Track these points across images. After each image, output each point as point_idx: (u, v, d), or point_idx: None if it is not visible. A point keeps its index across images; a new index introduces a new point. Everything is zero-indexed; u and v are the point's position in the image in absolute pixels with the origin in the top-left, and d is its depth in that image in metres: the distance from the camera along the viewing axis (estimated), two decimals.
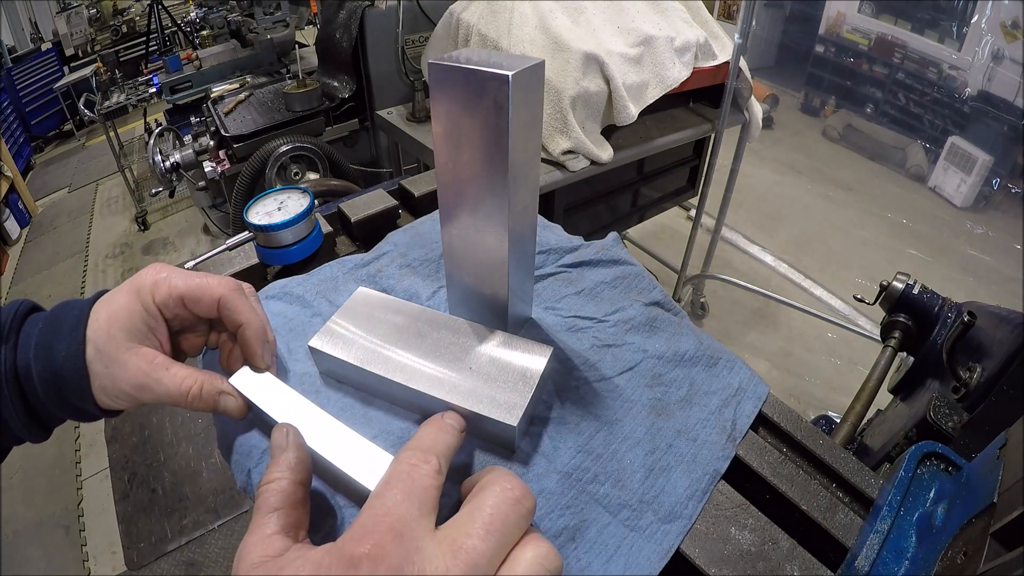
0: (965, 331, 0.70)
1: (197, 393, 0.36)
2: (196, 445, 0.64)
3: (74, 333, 0.35)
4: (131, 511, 0.58)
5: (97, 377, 0.35)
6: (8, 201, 3.23)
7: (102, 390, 0.36)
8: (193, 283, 0.38)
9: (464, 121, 0.35)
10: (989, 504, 0.29)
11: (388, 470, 0.29)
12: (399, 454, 0.30)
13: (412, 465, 0.28)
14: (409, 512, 0.26)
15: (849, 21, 3.47)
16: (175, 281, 0.37)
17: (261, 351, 0.39)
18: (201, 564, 0.55)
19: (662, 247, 2.48)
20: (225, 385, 0.38)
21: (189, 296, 0.37)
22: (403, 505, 0.26)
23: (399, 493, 0.27)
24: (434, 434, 0.31)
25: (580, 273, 0.54)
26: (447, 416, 0.34)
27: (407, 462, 0.28)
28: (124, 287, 0.37)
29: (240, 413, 0.38)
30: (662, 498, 0.37)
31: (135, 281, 0.37)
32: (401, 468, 0.28)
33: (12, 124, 3.90)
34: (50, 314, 0.37)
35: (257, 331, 0.39)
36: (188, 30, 3.26)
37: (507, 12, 1.27)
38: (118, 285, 0.38)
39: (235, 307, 0.38)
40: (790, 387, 1.96)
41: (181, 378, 0.36)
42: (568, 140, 1.22)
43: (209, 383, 0.37)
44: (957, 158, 2.92)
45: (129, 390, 0.35)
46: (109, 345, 0.35)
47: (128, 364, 0.35)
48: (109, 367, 0.35)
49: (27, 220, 3.41)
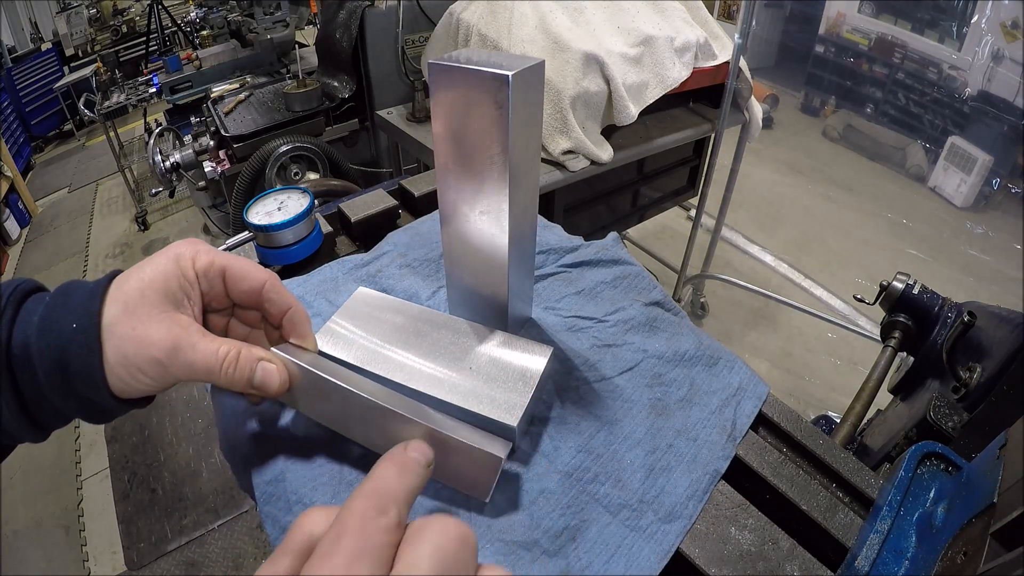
0: (965, 331, 0.70)
1: (234, 358, 0.33)
2: (196, 445, 0.65)
3: (89, 302, 0.31)
4: (131, 511, 0.58)
5: (119, 341, 0.31)
6: (8, 201, 3.23)
7: (121, 360, 0.31)
8: (237, 261, 0.36)
9: (464, 121, 0.35)
10: (989, 504, 0.29)
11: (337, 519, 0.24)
12: (351, 499, 0.25)
13: (367, 518, 0.24)
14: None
15: (849, 21, 3.47)
16: (219, 254, 0.35)
17: (311, 334, 0.38)
18: (201, 564, 0.55)
19: (662, 247, 2.48)
20: (264, 353, 0.35)
21: (233, 272, 0.35)
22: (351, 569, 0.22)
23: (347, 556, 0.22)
24: (395, 475, 0.26)
25: (580, 273, 0.54)
26: (411, 448, 0.27)
27: (360, 513, 0.24)
28: (159, 254, 0.34)
29: (281, 386, 0.35)
30: (662, 498, 0.37)
31: (172, 248, 0.35)
32: (353, 521, 0.23)
33: (12, 124, 3.90)
34: (58, 289, 0.33)
35: (304, 314, 0.38)
36: (188, 30, 3.26)
37: (507, 12, 1.27)
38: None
39: (283, 291, 0.37)
40: (790, 387, 1.96)
41: (218, 343, 0.33)
42: (568, 140, 1.22)
43: (247, 350, 0.34)
44: (957, 158, 2.92)
45: (158, 355, 0.31)
46: (141, 305, 0.32)
47: (161, 325, 0.32)
48: (137, 328, 0.31)
49: (27, 220, 3.41)
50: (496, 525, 0.34)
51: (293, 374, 0.36)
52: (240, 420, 0.40)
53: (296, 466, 0.37)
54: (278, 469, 0.37)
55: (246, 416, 0.40)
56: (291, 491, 0.36)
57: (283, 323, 0.38)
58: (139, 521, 0.58)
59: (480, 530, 0.34)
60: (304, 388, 0.37)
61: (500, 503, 0.35)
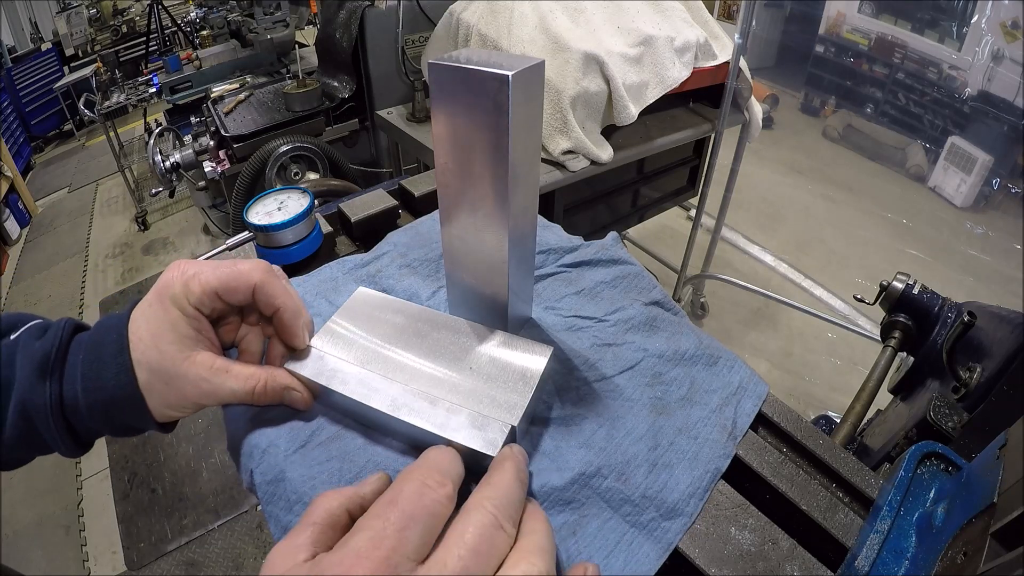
0: (965, 331, 0.70)
1: (262, 390, 0.36)
2: (196, 445, 0.64)
3: (119, 359, 0.35)
4: (131, 511, 0.58)
5: (158, 395, 0.35)
6: (8, 201, 3.23)
7: (165, 404, 0.36)
8: (225, 273, 0.36)
9: (464, 121, 0.35)
10: (989, 504, 0.29)
11: (396, 484, 0.26)
12: (410, 470, 0.27)
13: (426, 486, 0.25)
14: (409, 542, 0.24)
15: (849, 21, 3.47)
16: (205, 276, 0.36)
17: (300, 333, 0.39)
18: (201, 564, 0.55)
19: (662, 247, 2.48)
20: (288, 379, 0.38)
21: (223, 288, 0.37)
22: (404, 533, 0.23)
23: (404, 517, 0.24)
24: (451, 459, 0.29)
25: (580, 273, 0.54)
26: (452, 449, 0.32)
27: (420, 480, 0.26)
28: (154, 297, 0.36)
29: (306, 404, 0.39)
30: (664, 494, 0.37)
31: (164, 288, 0.36)
32: (412, 487, 0.25)
33: (12, 124, 3.90)
34: (91, 339, 0.36)
35: (294, 313, 0.39)
36: (188, 30, 3.26)
37: (507, 12, 1.27)
38: (121, 287, 0.38)
39: (271, 291, 0.38)
40: (790, 387, 1.96)
41: (244, 377, 0.36)
42: (568, 140, 1.22)
43: (272, 379, 0.37)
44: (957, 158, 2.92)
45: (195, 398, 0.36)
46: (163, 362, 0.35)
47: (188, 375, 0.35)
48: (171, 383, 0.35)
49: (27, 220, 3.41)
50: None
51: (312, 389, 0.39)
52: (243, 420, 0.40)
53: (296, 466, 0.37)
54: (278, 468, 0.37)
55: (249, 416, 0.40)
56: (291, 491, 0.36)
57: (274, 322, 0.39)
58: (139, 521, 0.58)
59: None
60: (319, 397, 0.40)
61: None
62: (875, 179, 3.19)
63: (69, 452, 0.36)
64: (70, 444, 0.36)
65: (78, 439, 0.36)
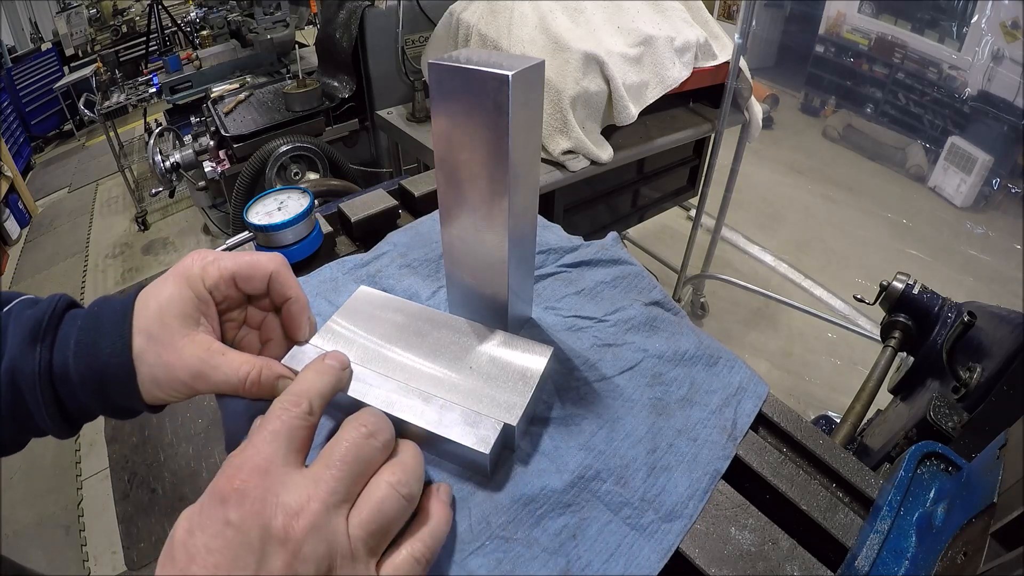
0: (965, 331, 0.70)
1: (256, 379, 0.35)
2: (196, 445, 0.64)
3: (119, 328, 0.34)
4: (131, 511, 0.58)
5: (149, 368, 0.34)
6: (8, 201, 3.23)
7: (154, 382, 0.35)
8: (244, 262, 0.38)
9: (464, 121, 0.35)
10: (989, 504, 0.29)
11: (264, 416, 0.30)
12: (275, 400, 0.31)
13: (283, 409, 0.30)
14: (276, 451, 0.28)
15: (849, 21, 3.46)
16: (224, 263, 0.37)
17: (305, 326, 0.39)
18: None
19: (662, 247, 2.48)
20: (282, 369, 0.37)
21: (240, 274, 0.37)
22: (271, 445, 0.28)
23: (268, 435, 0.29)
24: (310, 378, 0.33)
25: (580, 273, 0.54)
26: (328, 357, 0.35)
27: (279, 406, 0.30)
28: (170, 275, 0.36)
29: None
30: (663, 497, 0.37)
31: (182, 268, 0.37)
32: (273, 412, 0.30)
33: (12, 124, 3.90)
34: (89, 311, 0.36)
35: (303, 305, 0.39)
36: (188, 30, 3.26)
37: (507, 12, 1.27)
38: (121, 287, 0.38)
39: (285, 281, 0.38)
40: (790, 387, 1.96)
41: (239, 364, 0.35)
42: (568, 140, 1.22)
43: (267, 368, 0.36)
44: (957, 158, 2.92)
45: (185, 378, 0.34)
46: (163, 333, 0.34)
47: (184, 351, 0.34)
48: (163, 355, 0.34)
49: (27, 220, 3.41)
50: (496, 523, 0.34)
51: None
52: (241, 419, 0.40)
53: None
54: None
55: (246, 414, 0.40)
56: None
57: (282, 313, 0.40)
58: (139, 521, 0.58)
59: (480, 528, 0.34)
60: None
61: (501, 501, 0.35)
62: (875, 179, 3.19)
63: (55, 428, 0.35)
64: (57, 419, 0.35)
65: (66, 414, 0.35)
